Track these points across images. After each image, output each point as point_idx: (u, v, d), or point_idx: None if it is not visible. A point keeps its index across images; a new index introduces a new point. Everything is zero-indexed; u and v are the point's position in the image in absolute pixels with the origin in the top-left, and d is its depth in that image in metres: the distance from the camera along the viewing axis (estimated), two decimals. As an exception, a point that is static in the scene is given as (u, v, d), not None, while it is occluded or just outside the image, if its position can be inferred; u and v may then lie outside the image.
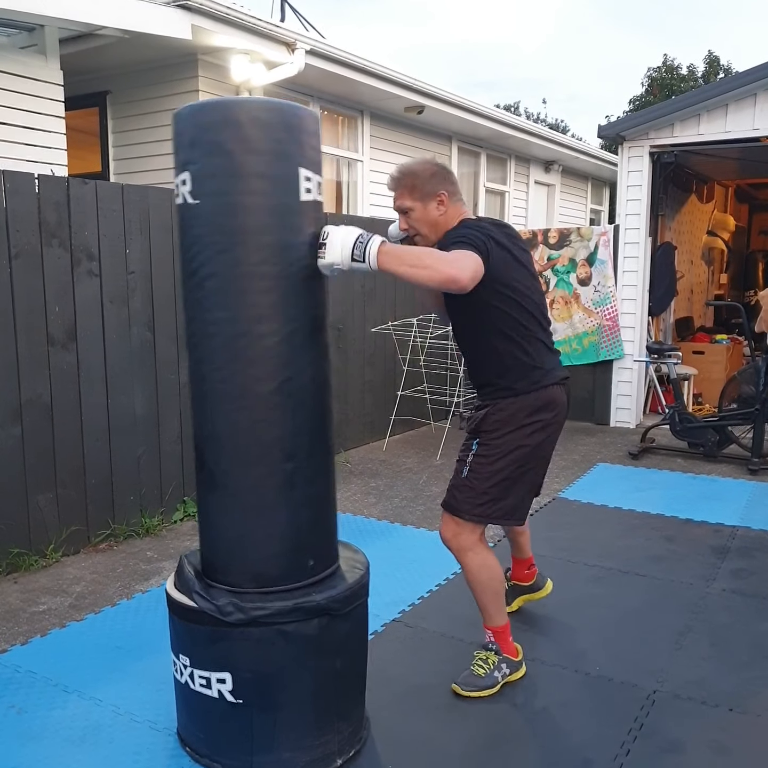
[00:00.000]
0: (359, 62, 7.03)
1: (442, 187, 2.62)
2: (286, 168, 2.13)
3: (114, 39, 5.46)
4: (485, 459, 2.64)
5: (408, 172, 2.63)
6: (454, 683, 2.72)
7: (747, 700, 2.67)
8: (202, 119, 2.11)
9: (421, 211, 2.61)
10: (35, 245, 3.75)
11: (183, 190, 2.15)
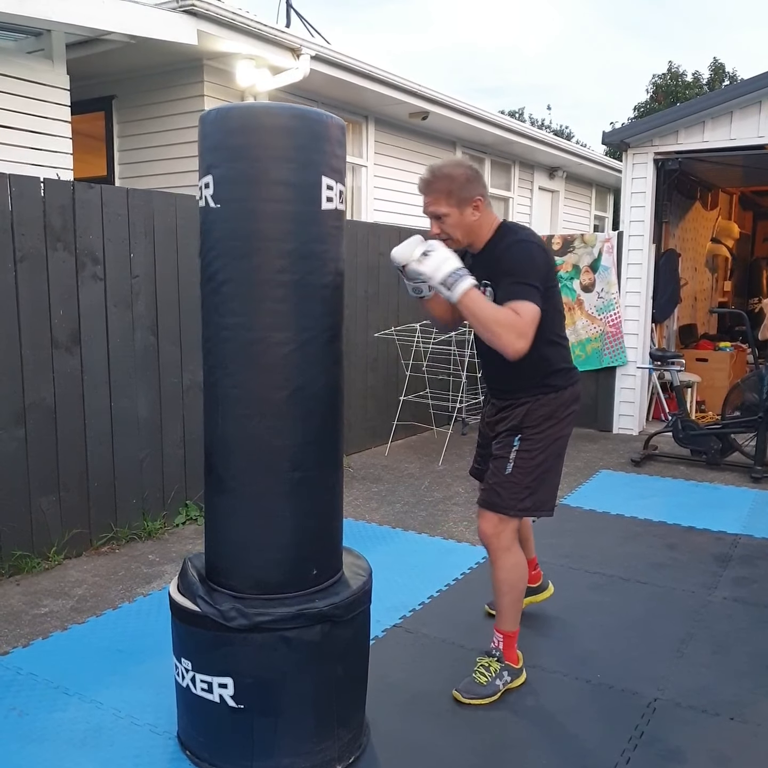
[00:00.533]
0: (364, 68, 7.05)
1: (478, 191, 2.58)
2: (308, 176, 2.12)
3: (120, 44, 5.48)
4: (528, 454, 2.68)
5: (443, 176, 2.54)
6: (455, 690, 2.72)
7: (748, 709, 2.67)
8: (227, 124, 2.11)
9: (457, 217, 2.56)
10: (40, 249, 3.76)
11: (206, 193, 2.15)
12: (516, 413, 2.73)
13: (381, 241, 6.36)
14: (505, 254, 2.54)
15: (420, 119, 8.31)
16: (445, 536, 4.40)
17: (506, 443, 2.73)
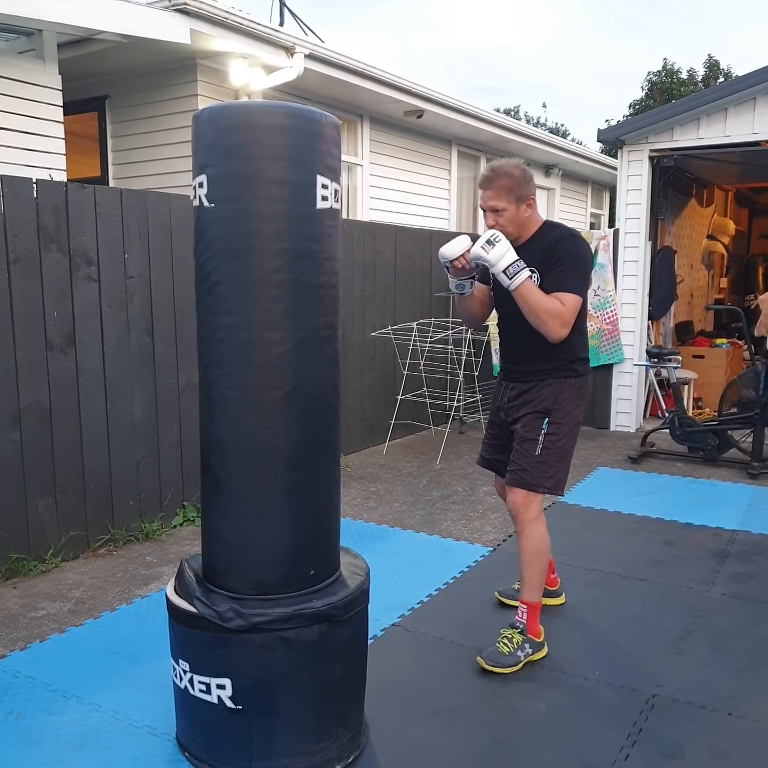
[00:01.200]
0: (359, 66, 7.03)
1: (532, 191, 2.86)
2: (303, 175, 2.11)
3: (113, 43, 5.46)
4: (555, 437, 2.91)
5: (505, 174, 2.80)
6: (479, 657, 2.90)
7: (746, 704, 2.67)
8: (221, 122, 2.10)
9: (513, 212, 2.82)
10: (34, 250, 3.75)
11: (200, 192, 2.14)
12: (544, 394, 2.93)
13: (377, 240, 6.36)
14: (558, 245, 2.80)
15: (415, 118, 8.30)
16: (444, 535, 4.40)
17: (535, 426, 2.92)
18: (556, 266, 2.77)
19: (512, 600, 3.37)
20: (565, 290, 2.74)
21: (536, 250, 2.83)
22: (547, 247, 2.81)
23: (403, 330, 6.53)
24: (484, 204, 2.83)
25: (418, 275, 6.88)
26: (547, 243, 2.83)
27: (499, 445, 3.19)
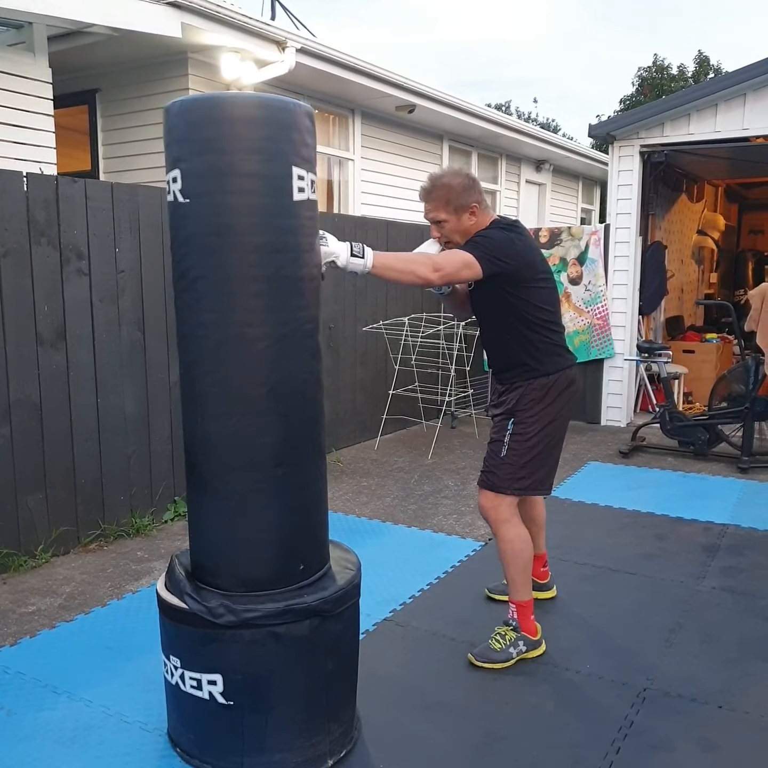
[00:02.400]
0: (350, 61, 7.01)
1: (474, 198, 2.79)
2: (278, 167, 2.08)
3: (103, 37, 5.43)
4: (521, 437, 2.84)
5: (442, 185, 2.76)
6: (470, 653, 2.90)
7: (736, 697, 2.69)
8: (193, 115, 2.06)
9: (454, 222, 2.78)
10: (24, 244, 3.73)
11: (174, 188, 2.11)
12: (511, 397, 2.88)
13: (369, 234, 6.34)
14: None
15: (407, 112, 8.28)
16: (435, 530, 4.41)
17: (501, 427, 2.88)
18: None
19: (502, 595, 3.38)
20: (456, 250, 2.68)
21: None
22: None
23: (394, 325, 6.52)
24: (425, 216, 2.82)
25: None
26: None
27: None
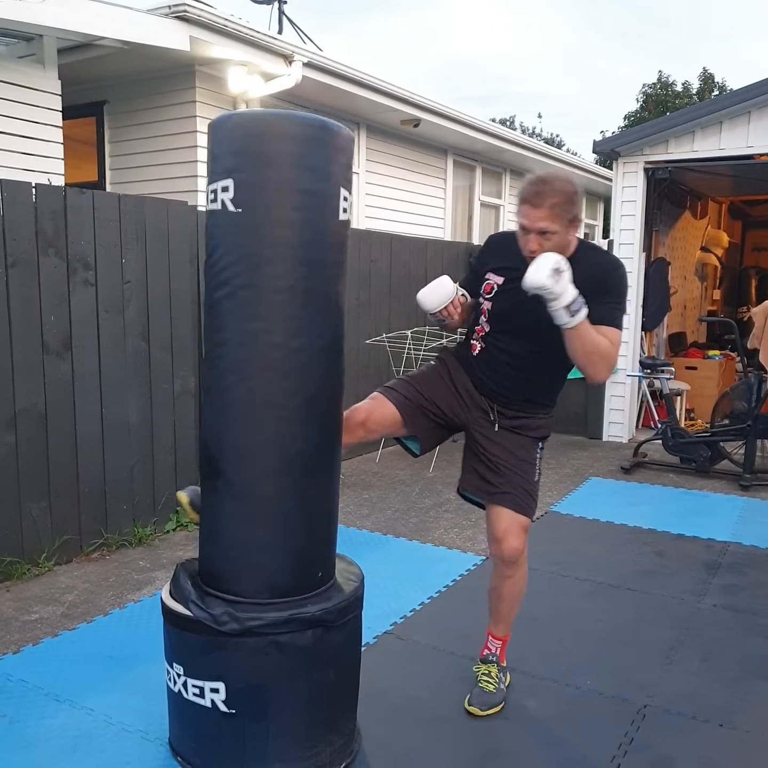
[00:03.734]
0: (356, 75, 7.07)
1: (580, 212, 2.49)
2: (329, 187, 2.16)
3: (112, 49, 5.47)
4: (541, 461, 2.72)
5: (560, 192, 2.38)
6: (469, 706, 2.68)
7: (737, 715, 2.69)
8: (253, 129, 2.11)
9: (563, 236, 2.43)
10: (31, 254, 3.76)
11: (223, 196, 2.12)
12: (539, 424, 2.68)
13: (373, 248, 6.38)
14: (612, 275, 2.49)
15: (412, 127, 8.33)
16: (436, 543, 4.41)
17: (530, 447, 2.66)
18: (608, 299, 2.42)
19: None
20: (614, 326, 2.41)
21: (577, 275, 2.34)
22: (595, 274, 2.44)
23: (397, 338, 6.55)
24: (531, 224, 2.38)
25: (413, 283, 6.88)
26: (592, 269, 2.45)
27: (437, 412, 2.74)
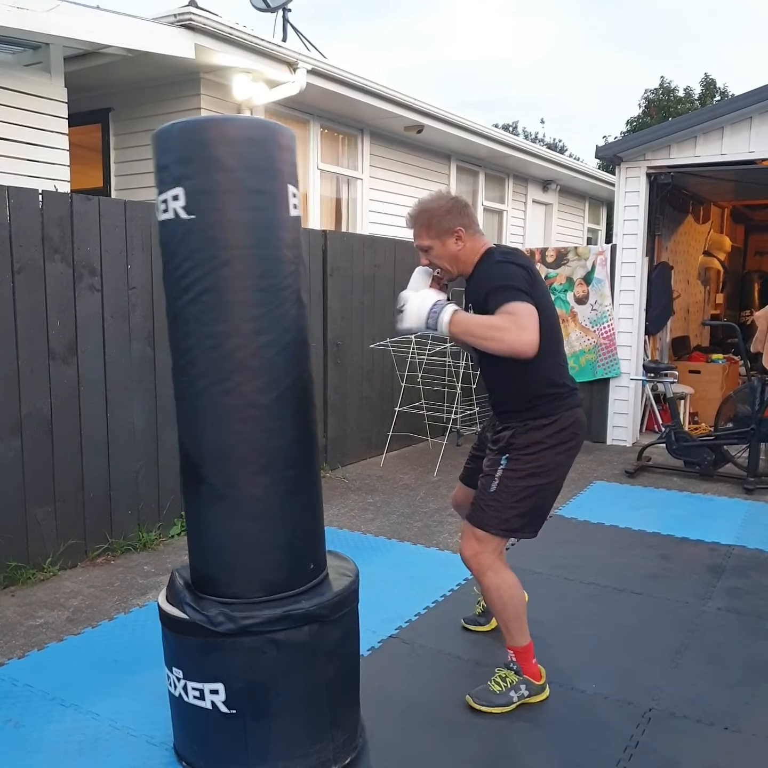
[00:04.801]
0: (360, 82, 7.10)
1: (458, 222, 2.63)
2: (278, 184, 2.21)
3: (118, 57, 5.51)
4: (514, 473, 2.65)
5: (422, 210, 2.66)
6: (468, 694, 2.75)
7: (742, 718, 2.68)
8: (198, 135, 2.14)
9: (439, 248, 2.65)
10: (38, 260, 3.78)
11: (174, 205, 2.15)
12: (505, 435, 2.70)
13: (377, 253, 6.40)
14: (484, 276, 2.56)
15: (415, 132, 8.37)
16: (441, 547, 4.42)
17: (494, 461, 2.71)
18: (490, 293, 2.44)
19: (476, 626, 3.34)
20: (507, 301, 2.37)
21: (474, 285, 2.61)
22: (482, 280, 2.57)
23: (401, 342, 6.56)
24: (415, 243, 2.73)
25: (417, 288, 6.91)
26: (480, 275, 2.60)
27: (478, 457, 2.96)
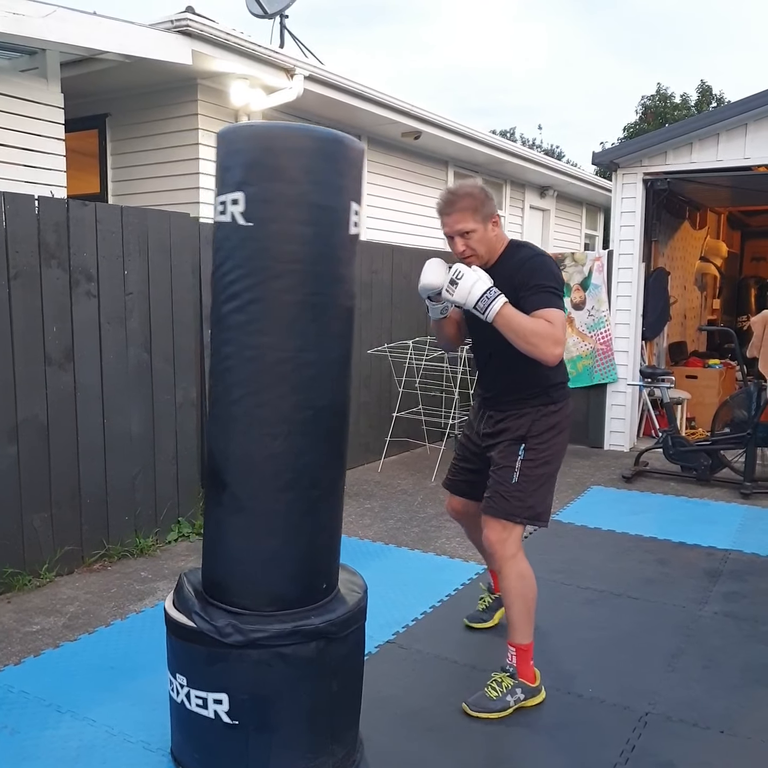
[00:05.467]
0: (357, 88, 7.11)
1: (495, 209, 2.76)
2: (341, 201, 2.16)
3: (115, 63, 5.52)
4: (532, 463, 2.76)
5: (466, 194, 2.68)
6: (464, 702, 2.75)
7: (738, 722, 2.69)
8: (265, 142, 2.10)
9: (482, 232, 2.69)
10: (34, 266, 3.78)
11: (233, 209, 2.12)
12: (520, 423, 2.80)
13: (374, 259, 6.41)
14: (527, 264, 2.66)
15: (413, 139, 8.38)
16: (438, 552, 4.42)
17: (511, 452, 2.79)
18: (532, 286, 2.59)
19: (480, 623, 3.38)
20: (546, 306, 2.55)
21: (505, 272, 2.67)
22: (517, 266, 2.67)
23: (399, 348, 6.57)
24: (450, 229, 2.70)
25: (414, 293, 6.86)
26: (516, 264, 2.69)
27: (468, 469, 3.09)
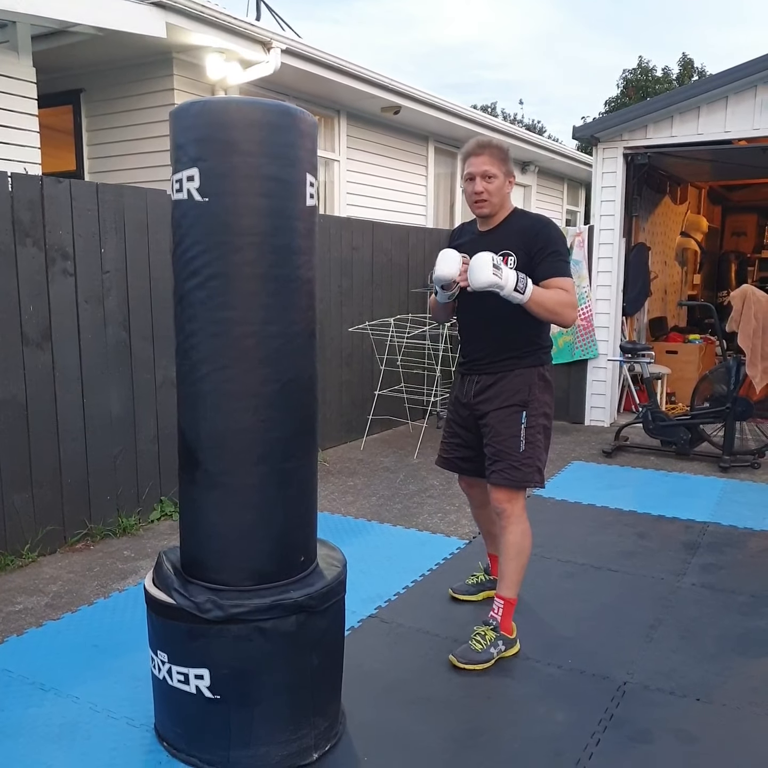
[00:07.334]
0: (335, 62, 7.04)
1: (514, 172, 3.00)
2: (296, 173, 2.16)
3: (87, 36, 5.42)
4: (534, 429, 2.92)
5: (498, 146, 2.90)
6: (451, 655, 2.90)
7: (713, 690, 2.74)
8: (217, 117, 2.09)
9: (501, 182, 2.89)
10: (9, 245, 3.73)
11: (189, 186, 2.11)
12: (517, 387, 2.90)
13: (354, 235, 6.38)
14: (542, 232, 2.86)
15: (392, 114, 8.32)
16: (420, 528, 4.44)
17: (513, 421, 2.90)
18: (550, 253, 2.81)
19: (466, 595, 3.44)
20: (561, 275, 2.82)
21: (511, 234, 2.89)
22: (527, 233, 2.85)
23: (380, 325, 6.56)
24: (476, 169, 2.85)
25: (395, 271, 6.91)
26: (524, 229, 2.87)
27: (459, 444, 3.17)
